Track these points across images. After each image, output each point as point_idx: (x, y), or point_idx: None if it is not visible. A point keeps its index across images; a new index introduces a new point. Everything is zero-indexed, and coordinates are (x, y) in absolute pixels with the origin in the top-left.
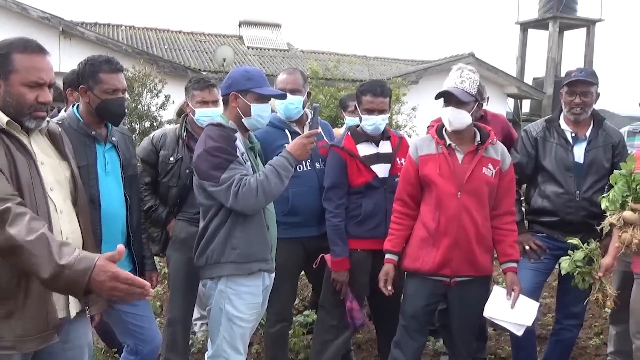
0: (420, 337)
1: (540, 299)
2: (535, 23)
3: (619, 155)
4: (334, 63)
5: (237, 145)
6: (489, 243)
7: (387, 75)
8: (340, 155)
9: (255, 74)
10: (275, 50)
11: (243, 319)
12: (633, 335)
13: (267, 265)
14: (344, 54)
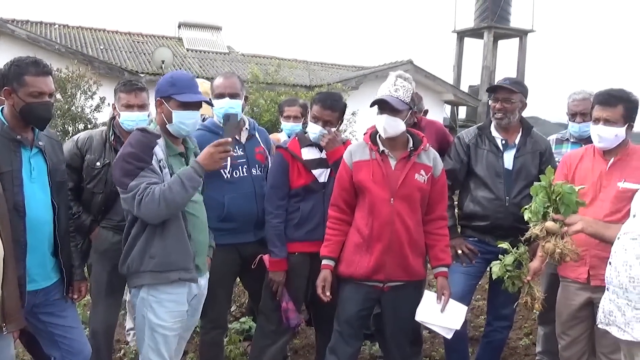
0: (354, 342)
1: (473, 301)
2: (471, 32)
3: (546, 162)
4: (275, 67)
5: (154, 152)
6: (421, 248)
7: (327, 81)
8: (284, 156)
9: (180, 79)
10: (215, 53)
11: (166, 327)
12: (559, 336)
13: (188, 274)
14: (285, 58)
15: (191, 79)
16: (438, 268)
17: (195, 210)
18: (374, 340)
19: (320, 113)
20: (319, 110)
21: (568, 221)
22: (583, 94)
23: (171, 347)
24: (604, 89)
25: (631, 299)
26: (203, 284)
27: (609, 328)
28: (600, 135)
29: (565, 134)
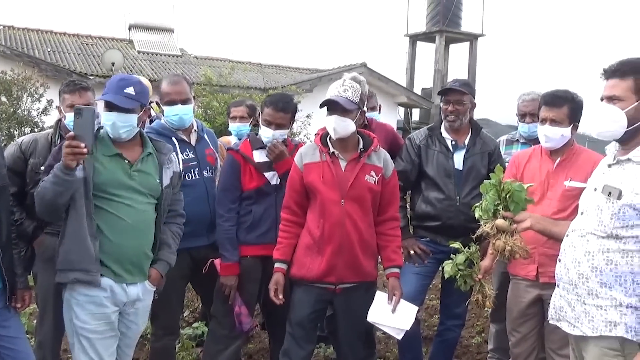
0: (307, 344)
1: (427, 300)
2: (423, 36)
3: (494, 162)
4: (228, 70)
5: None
6: (373, 249)
7: (282, 83)
8: (235, 158)
9: (111, 81)
10: (167, 55)
11: (88, 330)
12: (509, 333)
13: (86, 276)
14: (238, 61)
15: (120, 80)
16: (390, 269)
17: (123, 213)
18: (329, 342)
19: (272, 116)
20: (271, 114)
21: (517, 218)
22: (532, 95)
23: (101, 351)
24: (550, 90)
25: (580, 294)
26: (135, 292)
27: (560, 324)
28: (546, 135)
29: (515, 135)
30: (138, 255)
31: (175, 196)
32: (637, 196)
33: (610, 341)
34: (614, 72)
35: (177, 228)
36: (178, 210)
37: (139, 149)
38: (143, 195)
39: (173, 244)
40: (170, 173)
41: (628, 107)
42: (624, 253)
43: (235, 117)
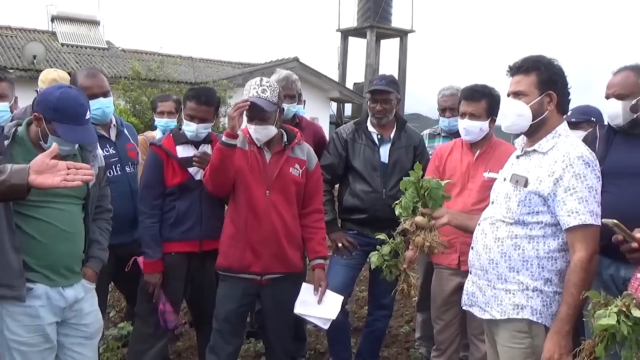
0: (235, 340)
1: (358, 292)
2: (355, 31)
3: (419, 155)
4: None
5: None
6: (298, 241)
7: (213, 78)
8: (158, 154)
9: (66, 109)
10: (93, 48)
11: (21, 342)
12: (434, 320)
13: (10, 292)
14: (168, 54)
15: (79, 107)
16: (315, 260)
17: (52, 218)
18: (258, 337)
19: (195, 110)
20: (194, 107)
21: (435, 215)
22: (451, 90)
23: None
24: (469, 85)
25: (490, 279)
26: (72, 294)
27: (472, 309)
28: (466, 128)
29: (437, 129)
30: (71, 258)
31: (102, 191)
32: (542, 184)
33: (518, 323)
34: (518, 69)
35: (105, 224)
36: (105, 206)
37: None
38: (69, 197)
39: (103, 241)
40: (95, 170)
41: (532, 101)
42: (530, 239)
43: (162, 112)
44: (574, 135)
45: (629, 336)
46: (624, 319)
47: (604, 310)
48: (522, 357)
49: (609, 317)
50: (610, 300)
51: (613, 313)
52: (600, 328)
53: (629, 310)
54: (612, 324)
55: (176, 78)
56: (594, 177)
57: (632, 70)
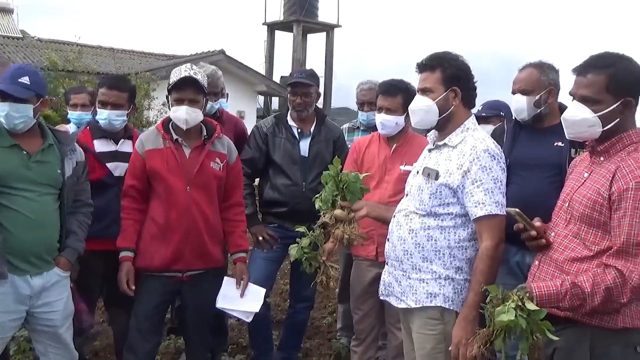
0: (153, 337)
1: (282, 285)
2: (281, 25)
3: (339, 148)
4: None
5: None
6: (219, 235)
7: (135, 69)
8: None
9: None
10: (6, 37)
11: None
12: (353, 311)
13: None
14: (87, 44)
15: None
16: (237, 254)
17: (23, 207)
18: (179, 333)
19: (106, 95)
20: (105, 92)
21: (354, 207)
22: (369, 84)
23: None
24: (386, 79)
25: (405, 269)
26: (39, 283)
27: (389, 299)
28: (382, 122)
29: (356, 123)
30: (42, 247)
31: (81, 186)
32: (451, 176)
33: (431, 311)
34: (424, 66)
35: (83, 217)
36: (84, 200)
37: (39, 140)
38: (43, 186)
39: (80, 232)
40: (72, 163)
41: (438, 97)
42: (442, 229)
43: (76, 104)
44: (481, 129)
45: (526, 328)
46: (520, 312)
47: (502, 307)
48: (434, 342)
49: (508, 312)
50: (507, 295)
51: (511, 309)
52: (501, 324)
53: (523, 303)
54: (511, 320)
55: (96, 69)
56: (499, 169)
57: (535, 67)
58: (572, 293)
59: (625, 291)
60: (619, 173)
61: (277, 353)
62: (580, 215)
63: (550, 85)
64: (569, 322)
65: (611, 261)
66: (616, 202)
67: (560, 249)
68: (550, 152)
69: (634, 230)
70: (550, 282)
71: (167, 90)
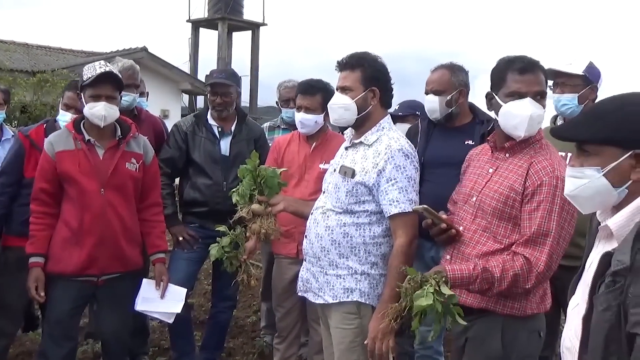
0: (67, 342)
1: (206, 285)
2: (206, 22)
3: (260, 147)
4: None
5: None
6: (137, 237)
7: (53, 66)
8: (22, 143)
9: None
10: None
11: None
12: (275, 309)
13: None
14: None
15: None
16: (155, 255)
17: None
18: (97, 337)
19: (73, 99)
20: (73, 97)
21: (272, 202)
22: (292, 82)
23: None
24: (306, 79)
25: (323, 266)
26: None
27: (307, 295)
28: (301, 121)
29: (277, 122)
30: None
31: None
32: (367, 174)
33: (348, 306)
34: (345, 65)
35: None
36: None
37: None
38: None
39: None
40: None
41: (357, 96)
42: (357, 226)
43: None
44: (396, 129)
45: (441, 312)
46: (437, 297)
47: (421, 291)
48: (352, 336)
49: (427, 297)
50: (425, 278)
51: (429, 293)
52: (419, 308)
53: (439, 287)
54: (430, 304)
55: (9, 66)
56: (412, 168)
57: (447, 69)
58: (483, 277)
59: (531, 277)
60: (532, 169)
61: (200, 354)
62: (492, 209)
63: (460, 85)
64: (481, 313)
65: (519, 249)
66: (529, 196)
67: (472, 244)
68: (461, 150)
69: (544, 222)
70: (464, 265)
71: (80, 87)
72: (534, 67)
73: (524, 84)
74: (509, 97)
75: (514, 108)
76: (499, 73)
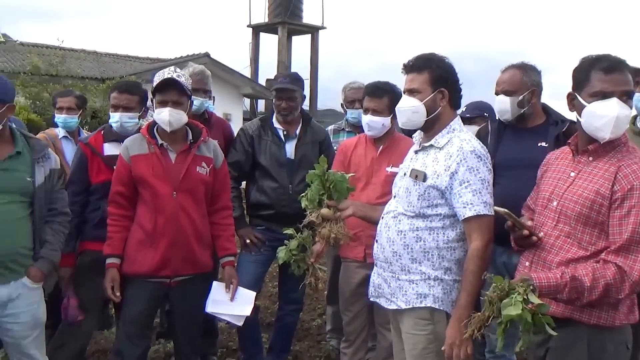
0: (142, 342)
1: (270, 288)
2: (266, 27)
3: (325, 150)
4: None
5: None
6: (207, 240)
7: (120, 73)
8: (83, 151)
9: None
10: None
11: None
12: (342, 312)
13: None
14: (70, 48)
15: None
16: (225, 258)
17: None
18: (169, 338)
19: (117, 99)
20: (116, 96)
21: (340, 207)
22: (358, 84)
23: None
24: (373, 81)
25: (394, 271)
26: (5, 293)
27: (379, 300)
28: (369, 124)
29: (342, 124)
30: (6, 255)
31: (56, 194)
32: (439, 178)
33: (421, 312)
34: (411, 67)
35: (58, 226)
36: (59, 209)
37: (8, 146)
38: (9, 194)
39: (54, 241)
40: (45, 171)
41: (425, 98)
42: (430, 230)
43: (62, 107)
44: (467, 130)
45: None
46: (525, 306)
47: (509, 300)
48: (425, 343)
49: (514, 306)
50: (512, 286)
51: (518, 302)
52: (508, 318)
53: (527, 296)
54: (519, 314)
55: (80, 74)
56: (485, 170)
57: (518, 69)
58: (571, 286)
59: (624, 287)
60: (620, 173)
61: (267, 356)
62: (576, 215)
63: (532, 85)
64: (563, 322)
65: (610, 257)
66: (618, 201)
67: (555, 250)
68: (534, 153)
69: (638, 229)
70: (551, 273)
71: (151, 92)
72: (620, 65)
73: (610, 83)
74: (593, 97)
75: (599, 108)
76: (582, 72)
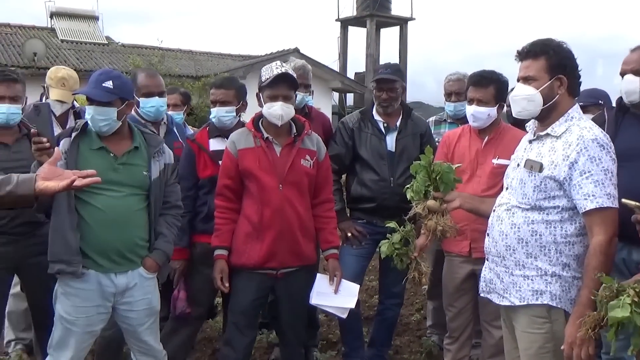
0: (250, 332)
1: (367, 281)
2: (354, 20)
3: (426, 142)
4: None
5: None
6: (311, 232)
7: (214, 71)
8: (190, 147)
9: (92, 75)
10: (92, 44)
11: (68, 320)
12: (446, 308)
13: (68, 267)
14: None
15: (100, 74)
16: (328, 250)
17: (106, 206)
18: (271, 328)
19: (214, 94)
20: (214, 92)
21: (447, 198)
22: (457, 75)
23: (72, 342)
24: (477, 71)
25: (508, 266)
26: (123, 282)
27: (490, 296)
28: (474, 114)
29: (443, 115)
30: (124, 246)
31: (170, 188)
32: (556, 168)
33: (537, 309)
34: (527, 54)
35: (172, 219)
36: (172, 202)
37: (127, 142)
38: (129, 187)
39: (168, 234)
40: (160, 165)
41: (542, 86)
42: (547, 224)
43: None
44: (586, 118)
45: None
46: (635, 308)
47: (617, 301)
48: (541, 341)
49: (622, 308)
50: (622, 287)
51: (626, 304)
52: (614, 320)
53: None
54: (626, 316)
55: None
56: (609, 160)
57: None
58: None
59: None
60: None
61: (368, 349)
62: None
63: None
64: None
65: None
66: None
67: None
68: None
69: None
70: None
71: (259, 87)
72: None
73: None
74: None
75: None
76: None
